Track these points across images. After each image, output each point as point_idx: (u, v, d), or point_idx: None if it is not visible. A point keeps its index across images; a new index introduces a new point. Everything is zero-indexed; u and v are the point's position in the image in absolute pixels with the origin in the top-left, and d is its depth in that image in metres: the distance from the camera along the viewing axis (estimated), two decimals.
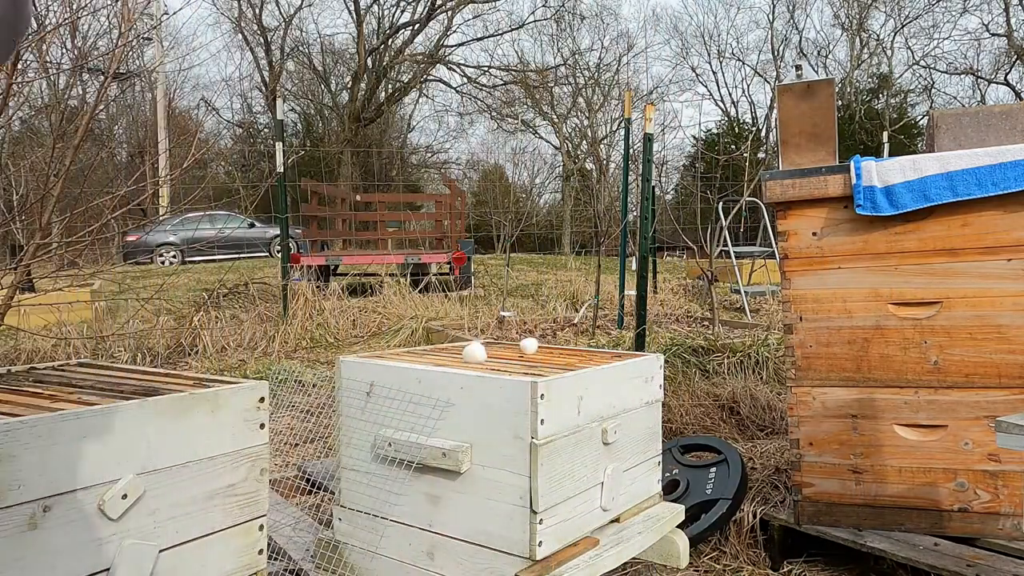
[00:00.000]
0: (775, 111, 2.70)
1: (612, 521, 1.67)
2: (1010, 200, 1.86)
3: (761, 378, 3.83)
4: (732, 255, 7.96)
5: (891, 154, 11.34)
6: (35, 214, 4.08)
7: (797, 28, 30.07)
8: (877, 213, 1.94)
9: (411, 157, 30.48)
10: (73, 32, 5.44)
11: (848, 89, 27.15)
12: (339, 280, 8.79)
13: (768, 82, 30.22)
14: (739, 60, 31.97)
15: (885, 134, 12.40)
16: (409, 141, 31.18)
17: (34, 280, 5.00)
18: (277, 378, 3.59)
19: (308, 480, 2.51)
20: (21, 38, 0.60)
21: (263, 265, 11.93)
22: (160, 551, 1.00)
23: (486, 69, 26.32)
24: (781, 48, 29.96)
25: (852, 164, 1.97)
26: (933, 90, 27.91)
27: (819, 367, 2.04)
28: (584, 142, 29.96)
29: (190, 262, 14.21)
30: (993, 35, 26.41)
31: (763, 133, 26.89)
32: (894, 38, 28.10)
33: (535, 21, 27.33)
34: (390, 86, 26.38)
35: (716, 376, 3.81)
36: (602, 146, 29.18)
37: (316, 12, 44.75)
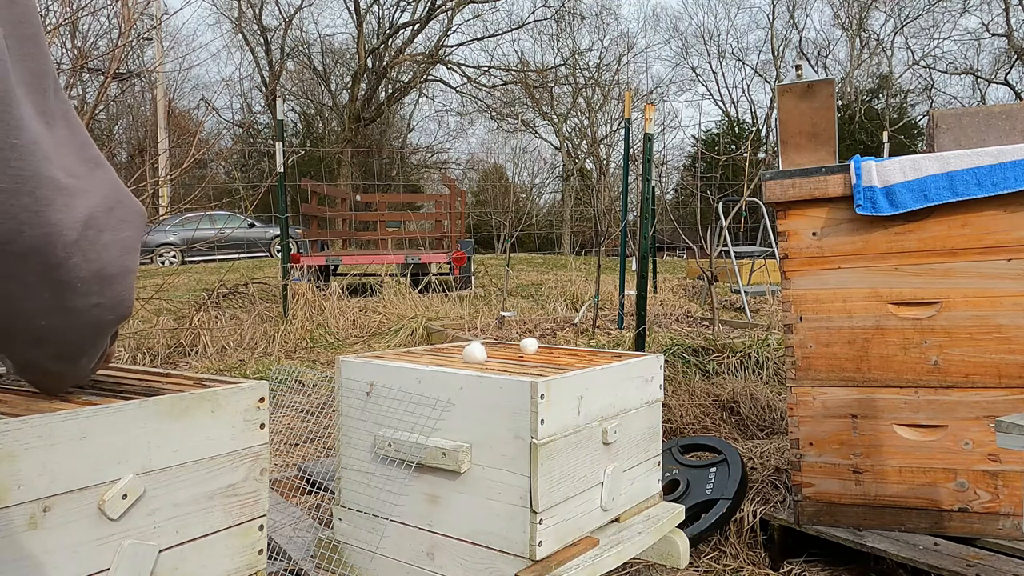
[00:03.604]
0: (775, 111, 2.70)
1: (612, 521, 1.67)
2: (1010, 200, 1.86)
3: (761, 378, 3.83)
4: (732, 255, 7.96)
5: (891, 154, 11.34)
6: None
7: (797, 28, 30.10)
8: (877, 213, 1.94)
9: (411, 157, 30.49)
10: (73, 32, 5.44)
11: (848, 89, 27.15)
12: (339, 280, 8.79)
13: (768, 82, 30.24)
14: (739, 60, 32.01)
15: (885, 134, 12.40)
16: (409, 141, 31.21)
17: None
18: (277, 378, 3.59)
19: (308, 480, 2.51)
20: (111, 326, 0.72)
21: (263, 265, 11.93)
22: (160, 551, 1.00)
23: (486, 69, 26.34)
24: (781, 48, 29.99)
25: (852, 164, 1.97)
26: (933, 90, 27.94)
27: (819, 367, 2.04)
28: (584, 142, 29.97)
29: (190, 262, 14.21)
30: (993, 35, 26.43)
31: (763, 133, 26.89)
32: (894, 38, 28.13)
33: (535, 21, 27.36)
34: (390, 86, 26.39)
35: (716, 376, 3.81)
36: (602, 146, 29.20)
37: (316, 12, 44.76)
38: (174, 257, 15.07)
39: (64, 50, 5.49)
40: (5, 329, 0.65)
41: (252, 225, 15.51)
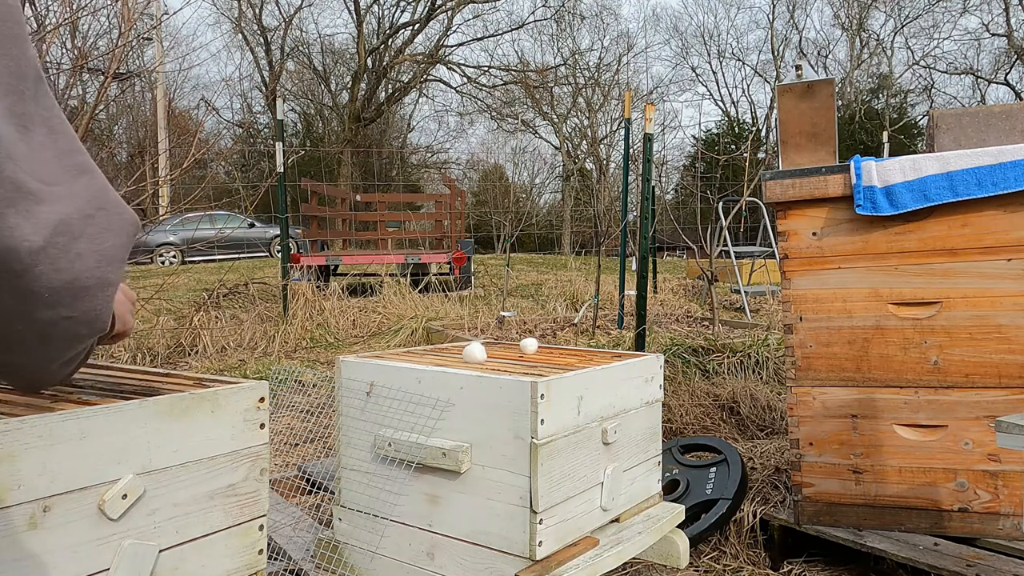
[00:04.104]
0: (775, 111, 2.71)
1: (612, 521, 1.67)
2: (1010, 200, 1.86)
3: (761, 378, 3.83)
4: (732, 255, 7.96)
5: (891, 154, 11.33)
6: None
7: (797, 28, 30.11)
8: (877, 213, 1.94)
9: (411, 157, 30.49)
10: (73, 32, 5.44)
11: (848, 89, 27.15)
12: (339, 280, 8.79)
13: (768, 82, 30.25)
14: (739, 60, 32.02)
15: (885, 134, 12.39)
16: (409, 141, 31.21)
17: None
18: (277, 378, 3.59)
19: (308, 480, 2.51)
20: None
21: (263, 265, 11.93)
22: (160, 551, 1.00)
23: (486, 69, 26.34)
24: (781, 48, 30.00)
25: (852, 164, 1.97)
26: (933, 90, 27.95)
27: (819, 367, 2.04)
28: (584, 142, 29.97)
29: (190, 262, 14.21)
30: (993, 35, 26.44)
31: (763, 133, 26.89)
32: (894, 38, 28.14)
33: (535, 21, 27.36)
34: (390, 86, 26.40)
35: (716, 376, 3.81)
36: (602, 146, 29.20)
37: (316, 12, 44.76)
38: (174, 257, 15.07)
39: (64, 50, 5.49)
40: None
41: (252, 225, 15.51)
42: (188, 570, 1.04)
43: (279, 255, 6.91)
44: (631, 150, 6.09)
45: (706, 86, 37.36)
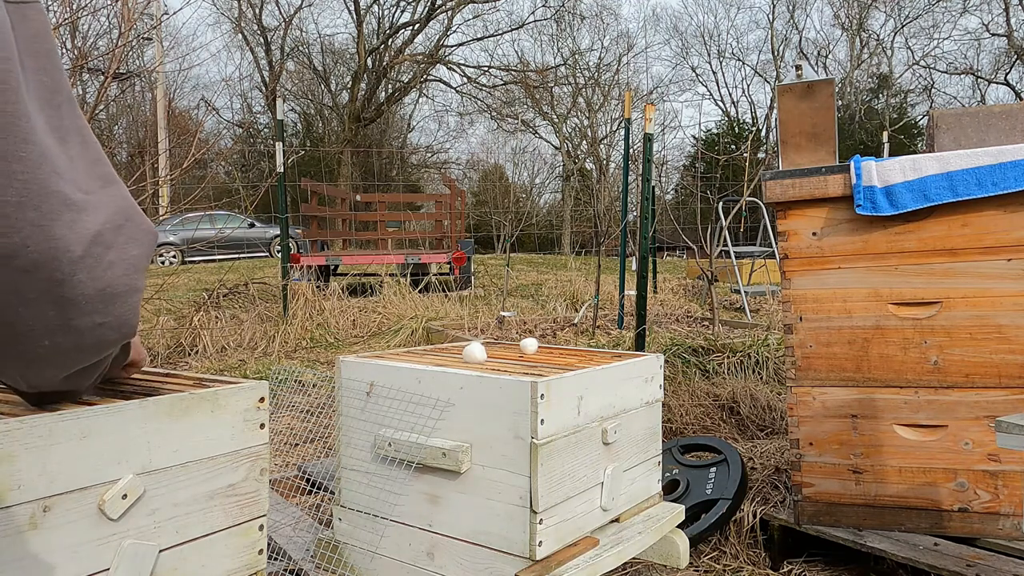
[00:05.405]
0: (775, 111, 2.70)
1: (612, 521, 1.67)
2: (1010, 200, 1.86)
3: (761, 378, 3.83)
4: (732, 255, 7.96)
5: (891, 154, 11.33)
6: None
7: (797, 28, 30.12)
8: (877, 213, 1.94)
9: (411, 157, 30.50)
10: (73, 32, 5.44)
11: (848, 89, 27.15)
12: (339, 280, 8.79)
13: (768, 82, 30.26)
14: (739, 60, 32.04)
15: (885, 134, 12.38)
16: (409, 141, 31.22)
17: None
18: (277, 378, 3.59)
19: (308, 480, 2.51)
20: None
21: (263, 265, 11.93)
22: (160, 551, 1.00)
23: (486, 69, 26.34)
24: (781, 48, 30.01)
25: (852, 164, 1.97)
26: (933, 90, 27.96)
27: (819, 367, 2.04)
28: (584, 142, 29.98)
29: (190, 262, 14.21)
30: (993, 35, 26.44)
31: (763, 133, 26.89)
32: (894, 38, 28.15)
33: (535, 21, 27.38)
34: (390, 86, 26.40)
35: (716, 376, 3.81)
36: (602, 146, 29.20)
37: (316, 12, 44.81)
38: (174, 257, 15.08)
39: (64, 50, 5.49)
40: (6, 350, 0.64)
41: (252, 225, 15.51)
42: (188, 570, 1.04)
43: (279, 255, 6.91)
44: (631, 150, 6.09)
45: (706, 86, 37.39)
